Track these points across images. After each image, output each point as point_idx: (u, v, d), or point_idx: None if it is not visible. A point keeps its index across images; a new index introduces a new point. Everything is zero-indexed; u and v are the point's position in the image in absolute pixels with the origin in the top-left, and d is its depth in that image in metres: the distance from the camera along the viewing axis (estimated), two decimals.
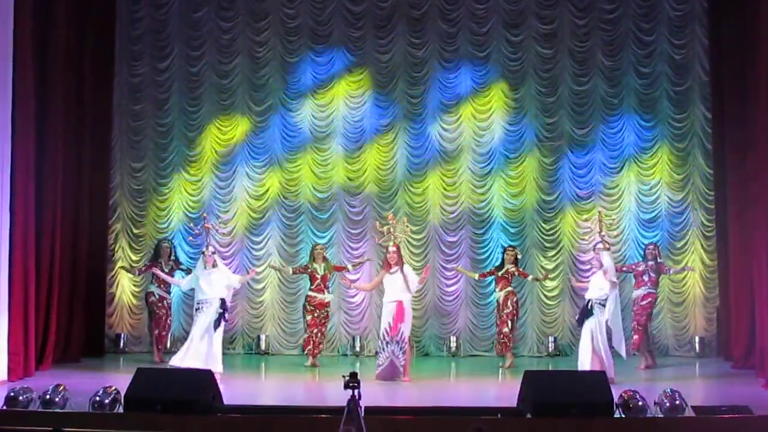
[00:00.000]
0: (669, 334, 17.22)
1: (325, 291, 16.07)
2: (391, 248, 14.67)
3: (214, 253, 15.11)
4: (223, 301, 14.71)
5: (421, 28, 17.81)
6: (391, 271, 14.57)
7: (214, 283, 14.72)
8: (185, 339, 15.47)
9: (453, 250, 17.65)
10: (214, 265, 14.90)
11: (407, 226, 15.86)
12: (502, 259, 16.15)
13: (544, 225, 17.58)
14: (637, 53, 17.51)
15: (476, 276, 16.65)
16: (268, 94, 17.91)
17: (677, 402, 10.70)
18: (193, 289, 15.23)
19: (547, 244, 17.55)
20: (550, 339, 17.28)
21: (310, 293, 16.13)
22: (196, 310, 14.78)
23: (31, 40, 14.35)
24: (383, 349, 14.34)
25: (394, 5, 17.79)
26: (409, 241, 17.52)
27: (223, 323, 14.79)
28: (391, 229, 14.96)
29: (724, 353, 16.49)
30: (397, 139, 17.79)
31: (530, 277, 16.40)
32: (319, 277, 15.99)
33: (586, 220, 16.23)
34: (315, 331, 15.96)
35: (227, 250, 17.64)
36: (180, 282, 15.63)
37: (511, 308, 16.03)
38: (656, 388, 11.61)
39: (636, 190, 17.50)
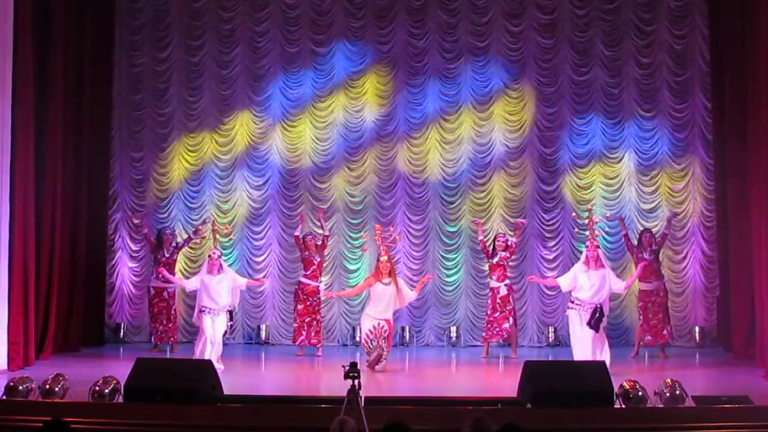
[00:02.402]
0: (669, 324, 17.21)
1: (318, 278, 16.08)
2: (383, 258, 14.62)
3: (220, 257, 14.88)
4: (231, 313, 14.55)
5: (421, 18, 17.79)
6: (384, 281, 14.49)
7: (221, 293, 14.42)
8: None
9: (453, 241, 17.66)
10: (220, 270, 14.66)
11: (398, 236, 16.11)
12: (494, 247, 16.09)
13: (544, 215, 17.58)
14: (637, 43, 17.49)
15: (482, 237, 16.41)
16: (268, 84, 17.91)
17: (677, 392, 10.70)
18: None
19: (548, 235, 17.56)
20: (550, 329, 17.28)
21: (303, 280, 16.13)
22: (200, 311, 14.48)
23: (31, 30, 14.36)
24: (370, 347, 14.22)
25: None
26: (409, 231, 17.59)
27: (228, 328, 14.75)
28: (379, 241, 14.95)
29: (724, 343, 16.50)
30: (397, 129, 17.78)
31: (514, 239, 16.28)
32: (315, 263, 15.99)
33: (579, 211, 16.13)
34: (308, 319, 15.91)
35: (227, 239, 17.60)
36: (184, 283, 15.44)
37: (512, 304, 16.04)
38: (656, 378, 11.61)
39: (636, 180, 17.49)
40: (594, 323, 13.63)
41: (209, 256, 14.86)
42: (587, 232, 14.73)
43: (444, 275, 17.64)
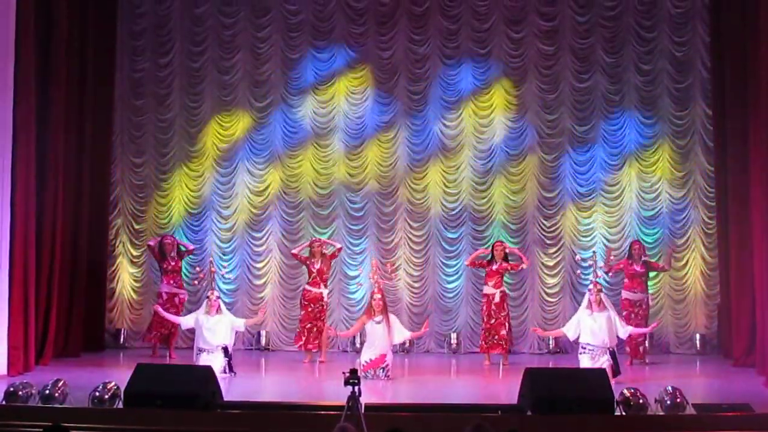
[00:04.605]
0: (670, 332, 17.20)
1: (321, 285, 16.00)
2: (376, 295, 14.51)
3: (218, 297, 14.86)
4: (225, 349, 14.43)
5: (422, 24, 17.80)
6: (376, 319, 14.38)
7: (217, 331, 14.46)
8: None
9: (453, 247, 17.64)
10: (218, 311, 14.65)
11: (393, 272, 16.40)
12: (492, 255, 16.03)
13: (545, 222, 17.57)
14: (638, 50, 17.49)
15: (467, 263, 16.56)
16: (269, 90, 17.91)
17: (678, 399, 10.71)
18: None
19: (548, 241, 17.54)
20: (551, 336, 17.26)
21: (306, 287, 16.11)
22: (197, 355, 14.53)
23: (33, 34, 14.35)
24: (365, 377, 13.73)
25: (396, 2, 17.76)
26: (409, 238, 17.60)
27: (232, 373, 14.34)
28: (375, 276, 14.93)
29: (725, 351, 16.48)
30: (398, 135, 17.78)
31: (524, 265, 16.32)
32: (315, 270, 15.97)
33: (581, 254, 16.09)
34: (308, 325, 15.86)
35: (228, 245, 17.68)
36: (180, 321, 15.31)
37: (506, 310, 15.98)
38: (657, 385, 11.61)
39: (637, 187, 17.48)
40: (616, 370, 13.56)
41: (207, 296, 14.87)
42: (591, 276, 14.73)
43: (444, 282, 17.63)
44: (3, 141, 13.71)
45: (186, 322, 15.05)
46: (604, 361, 13.50)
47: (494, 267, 15.89)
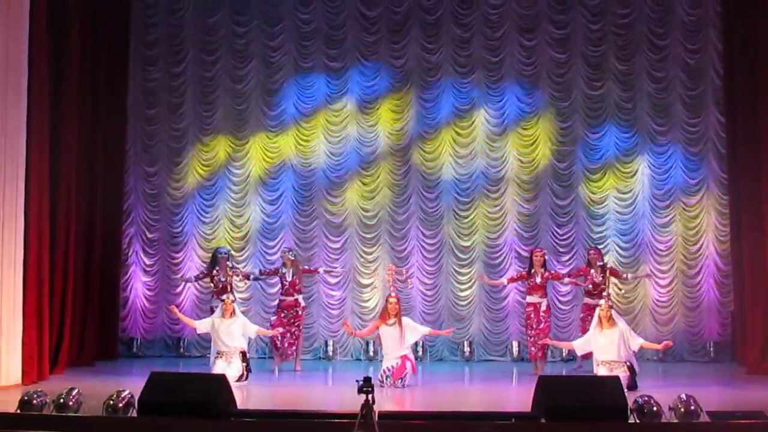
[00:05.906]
0: (683, 339, 17.16)
1: (295, 294, 15.88)
2: (392, 299, 14.34)
3: (233, 301, 14.84)
4: (244, 354, 14.46)
5: (434, 32, 17.83)
6: (389, 322, 14.25)
7: (234, 334, 14.50)
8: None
9: (466, 255, 17.64)
10: (233, 314, 14.66)
11: (408, 278, 16.24)
12: (531, 263, 15.78)
13: (557, 230, 17.56)
14: (650, 57, 17.48)
15: (505, 281, 16.51)
16: (282, 98, 17.95)
17: (692, 407, 10.64)
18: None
19: (561, 249, 17.52)
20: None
21: (280, 297, 16.03)
22: (214, 359, 14.56)
23: (46, 44, 14.39)
24: (382, 384, 13.81)
25: (408, 10, 17.82)
26: (422, 246, 17.59)
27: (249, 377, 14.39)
28: (390, 280, 14.89)
29: (739, 358, 16.43)
30: (410, 143, 17.80)
31: (566, 280, 16.29)
32: (287, 282, 15.86)
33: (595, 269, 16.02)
34: (281, 330, 15.62)
35: (241, 254, 17.69)
36: (195, 325, 15.15)
37: (550, 319, 15.87)
38: (671, 393, 11.57)
39: (649, 194, 17.46)
40: (632, 384, 13.45)
41: (223, 300, 14.87)
42: (603, 293, 14.70)
43: (457, 290, 17.62)
44: (17, 150, 13.73)
45: (202, 325, 14.97)
46: (619, 373, 13.44)
47: (537, 280, 15.58)
